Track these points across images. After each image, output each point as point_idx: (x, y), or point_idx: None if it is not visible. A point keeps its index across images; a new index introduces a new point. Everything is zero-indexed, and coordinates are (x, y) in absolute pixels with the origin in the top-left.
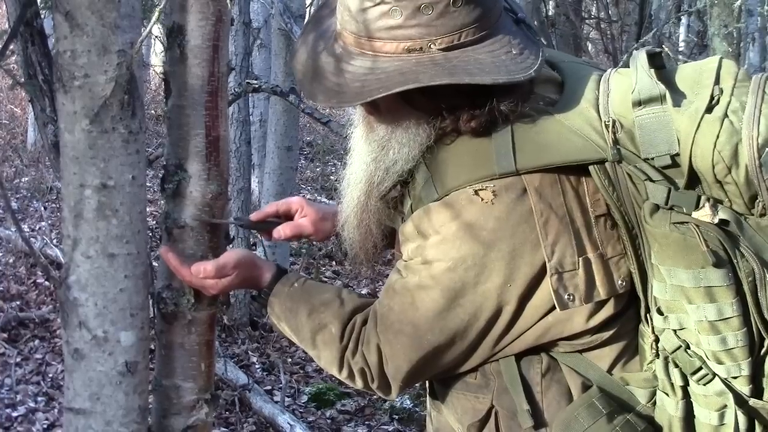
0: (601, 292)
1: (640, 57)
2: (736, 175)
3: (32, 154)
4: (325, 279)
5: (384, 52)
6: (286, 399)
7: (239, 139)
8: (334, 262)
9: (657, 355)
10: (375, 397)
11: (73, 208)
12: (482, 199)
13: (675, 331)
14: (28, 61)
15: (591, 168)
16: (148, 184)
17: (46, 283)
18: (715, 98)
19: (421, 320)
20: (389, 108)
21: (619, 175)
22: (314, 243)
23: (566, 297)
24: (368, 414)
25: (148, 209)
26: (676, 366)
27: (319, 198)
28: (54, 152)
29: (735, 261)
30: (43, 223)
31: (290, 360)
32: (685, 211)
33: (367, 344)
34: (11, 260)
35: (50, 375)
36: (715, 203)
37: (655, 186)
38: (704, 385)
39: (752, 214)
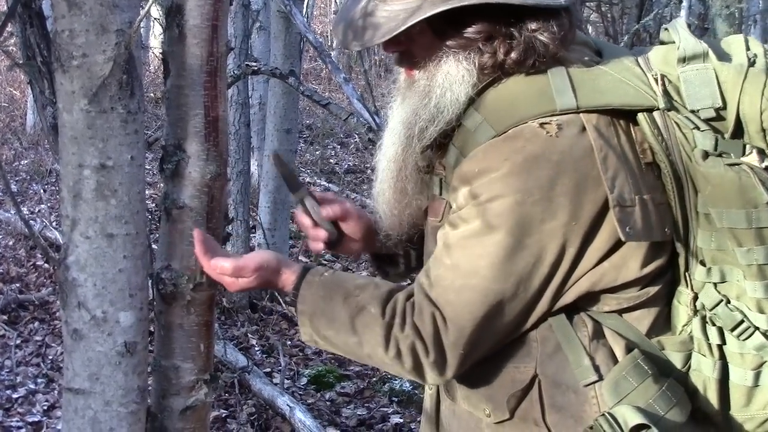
0: (656, 233)
1: (680, 22)
2: None
3: (31, 136)
4: (325, 261)
5: None
6: (286, 381)
7: (238, 121)
8: None
9: (695, 313)
10: (374, 379)
11: (72, 188)
12: (547, 132)
13: (715, 285)
14: (27, 43)
15: (641, 116)
16: (147, 166)
17: (46, 265)
18: (751, 59)
19: (485, 267)
20: (424, 48)
21: (668, 124)
22: None
23: (627, 229)
24: (367, 396)
25: (147, 192)
26: (714, 324)
27: (318, 181)
28: (53, 134)
29: None
30: (42, 206)
31: (290, 342)
32: (733, 157)
33: (420, 315)
34: (11, 243)
35: (50, 357)
36: (761, 150)
37: (703, 134)
38: (744, 340)
39: None
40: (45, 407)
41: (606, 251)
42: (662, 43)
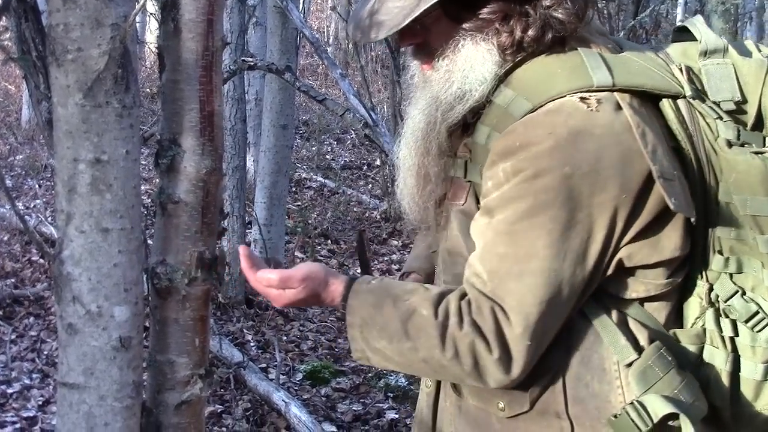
0: (693, 210)
1: (699, 18)
2: None
3: (26, 131)
4: (321, 258)
5: None
6: (281, 377)
7: (234, 117)
8: (329, 241)
9: (710, 305)
10: (370, 374)
11: (67, 182)
12: (587, 107)
13: (731, 276)
14: (22, 37)
15: (665, 102)
16: (142, 162)
17: (41, 260)
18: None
19: (543, 247)
20: (440, 35)
21: (692, 112)
22: (309, 221)
23: (673, 200)
24: (363, 392)
25: (143, 187)
26: (727, 316)
27: (314, 177)
28: (48, 129)
29: None
30: (37, 201)
31: (285, 338)
32: (755, 147)
33: (478, 311)
34: (6, 238)
35: (45, 352)
36: None
37: (725, 124)
38: (758, 332)
39: None
40: (40, 402)
41: (645, 226)
42: (676, 41)
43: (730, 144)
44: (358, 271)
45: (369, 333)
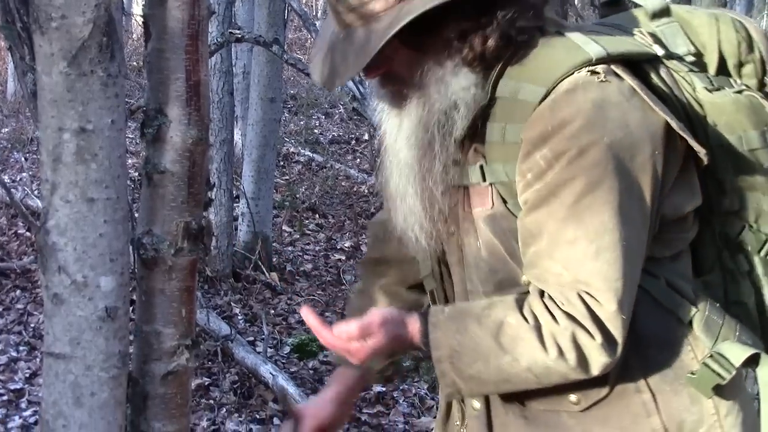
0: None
1: None
2: (752, 56)
3: (12, 104)
4: (309, 232)
5: (377, 11)
6: (269, 350)
7: (222, 89)
8: (317, 215)
9: (725, 245)
10: None
11: (52, 152)
12: (597, 78)
13: (736, 213)
14: (6, 8)
15: (646, 66)
16: (128, 135)
17: (27, 233)
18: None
19: (611, 219)
20: (404, 63)
21: (669, 71)
22: (297, 196)
23: (695, 146)
24: None
25: (129, 161)
26: (741, 252)
27: (302, 151)
28: (34, 102)
29: None
30: (23, 174)
31: (273, 312)
32: (735, 87)
33: (568, 303)
34: None
35: (32, 325)
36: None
37: (698, 75)
38: None
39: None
40: (27, 375)
41: (677, 177)
42: (604, 15)
43: (710, 91)
44: (347, 245)
45: (460, 361)
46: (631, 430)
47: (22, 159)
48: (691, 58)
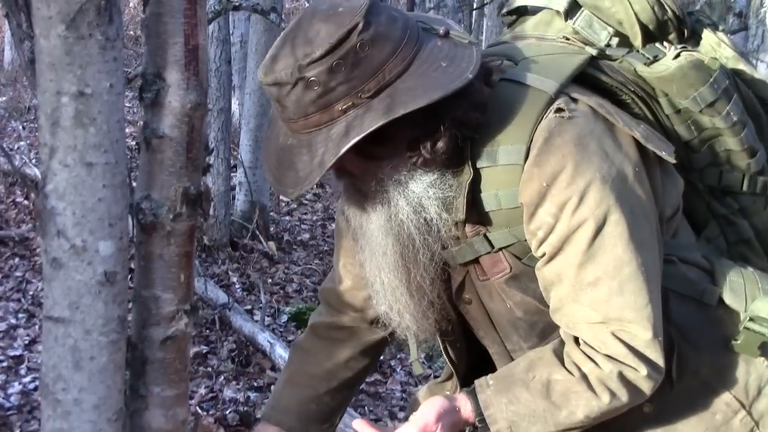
0: (672, 148)
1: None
2: (667, 15)
3: (9, 73)
4: (306, 201)
5: (324, 122)
6: (266, 318)
7: (219, 58)
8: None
9: (711, 195)
10: None
11: (50, 116)
12: (564, 116)
13: (711, 162)
14: None
15: (590, 70)
16: (126, 103)
17: (26, 202)
18: None
19: (625, 251)
20: (361, 169)
21: (608, 64)
22: None
23: (664, 154)
24: None
25: (128, 130)
26: (727, 194)
27: None
28: (31, 69)
29: None
30: (21, 143)
31: (270, 281)
32: (672, 53)
33: (604, 345)
34: None
35: (31, 292)
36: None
37: (633, 54)
38: (758, 194)
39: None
40: (26, 341)
41: (660, 177)
42: (511, 25)
43: (648, 65)
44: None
45: (519, 428)
46: (707, 415)
47: (20, 127)
48: (615, 40)
